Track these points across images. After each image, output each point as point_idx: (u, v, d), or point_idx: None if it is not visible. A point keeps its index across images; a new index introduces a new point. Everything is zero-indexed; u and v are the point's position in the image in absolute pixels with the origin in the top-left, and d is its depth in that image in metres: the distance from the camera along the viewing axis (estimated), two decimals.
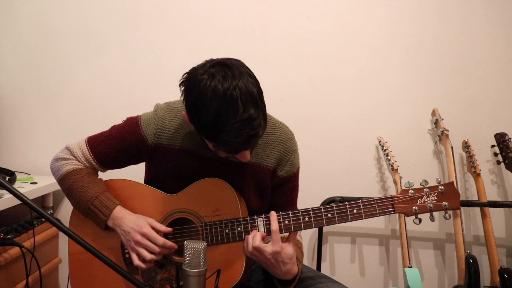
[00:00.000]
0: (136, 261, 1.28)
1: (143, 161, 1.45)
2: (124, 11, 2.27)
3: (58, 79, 2.30)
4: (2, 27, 2.29)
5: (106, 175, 1.45)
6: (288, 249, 1.21)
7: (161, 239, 1.27)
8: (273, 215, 1.24)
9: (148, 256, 1.27)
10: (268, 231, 1.23)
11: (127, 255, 1.35)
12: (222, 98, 1.09)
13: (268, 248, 1.19)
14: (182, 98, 1.20)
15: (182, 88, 1.19)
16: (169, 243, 1.29)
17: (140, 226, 1.28)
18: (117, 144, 1.37)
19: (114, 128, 1.40)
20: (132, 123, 1.37)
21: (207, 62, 1.18)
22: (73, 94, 2.30)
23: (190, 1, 2.25)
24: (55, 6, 2.27)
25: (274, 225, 1.21)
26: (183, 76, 1.20)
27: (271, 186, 1.41)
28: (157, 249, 1.27)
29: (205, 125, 1.13)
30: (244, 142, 1.13)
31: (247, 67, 1.17)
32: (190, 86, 1.16)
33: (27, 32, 2.29)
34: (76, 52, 2.29)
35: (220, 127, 1.10)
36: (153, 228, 1.29)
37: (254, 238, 1.21)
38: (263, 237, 1.24)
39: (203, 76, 1.12)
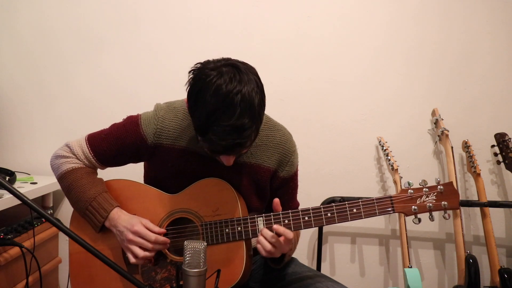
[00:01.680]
0: (132, 259, 1.29)
1: (143, 161, 1.45)
2: (124, 11, 2.27)
3: (58, 79, 2.30)
4: (2, 27, 2.29)
5: (106, 174, 1.46)
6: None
7: (153, 235, 1.28)
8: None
9: (140, 253, 1.28)
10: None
11: (127, 255, 1.36)
12: (222, 99, 1.09)
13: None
14: (186, 86, 1.20)
15: (190, 76, 1.19)
16: (161, 238, 1.29)
17: (132, 224, 1.29)
18: (116, 143, 1.37)
19: (114, 126, 1.41)
20: (132, 122, 1.37)
21: (222, 59, 1.18)
22: (73, 94, 2.30)
23: (190, 1, 2.25)
24: (55, 7, 2.28)
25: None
26: (195, 64, 1.20)
27: (273, 187, 1.42)
28: (149, 245, 1.27)
29: (198, 118, 1.14)
30: (228, 147, 1.13)
31: (257, 76, 1.17)
32: (197, 76, 1.16)
33: (27, 32, 2.29)
34: (76, 52, 2.29)
35: (210, 125, 1.11)
36: (147, 228, 1.29)
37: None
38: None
39: (212, 72, 1.13)
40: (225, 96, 1.09)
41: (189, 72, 1.20)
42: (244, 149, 1.20)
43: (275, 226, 1.24)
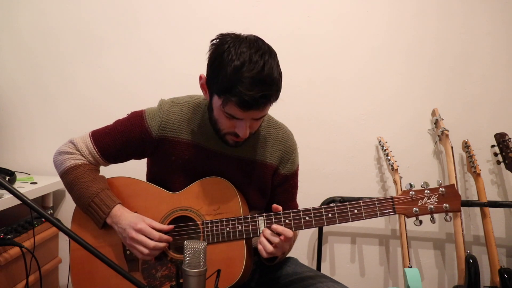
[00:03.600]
0: (139, 255, 1.30)
1: (147, 156, 1.46)
2: (124, 11, 2.27)
3: (58, 79, 2.30)
4: (2, 27, 2.29)
5: (108, 172, 1.46)
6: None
7: (156, 234, 1.28)
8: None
9: (145, 251, 1.28)
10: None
11: (128, 252, 1.36)
12: (248, 58, 1.15)
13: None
14: (207, 55, 1.24)
15: (211, 46, 1.23)
16: (165, 236, 1.30)
17: (135, 222, 1.29)
18: (121, 137, 1.38)
19: (118, 121, 1.42)
20: (137, 116, 1.39)
21: (240, 34, 1.23)
22: (73, 94, 2.30)
23: (190, 1, 2.25)
24: (55, 6, 2.27)
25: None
26: (216, 36, 1.25)
27: (274, 184, 1.44)
28: (151, 244, 1.27)
29: (224, 76, 1.16)
30: (256, 98, 1.15)
31: (275, 52, 1.23)
32: (220, 44, 1.20)
33: (26, 32, 2.29)
34: (76, 52, 2.28)
35: (239, 78, 1.14)
36: (152, 227, 1.30)
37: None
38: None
39: (235, 40, 1.19)
40: (250, 57, 1.15)
41: (211, 41, 1.24)
42: (268, 105, 1.22)
43: (274, 226, 1.25)
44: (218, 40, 1.23)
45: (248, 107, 1.17)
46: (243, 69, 1.13)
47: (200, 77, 1.28)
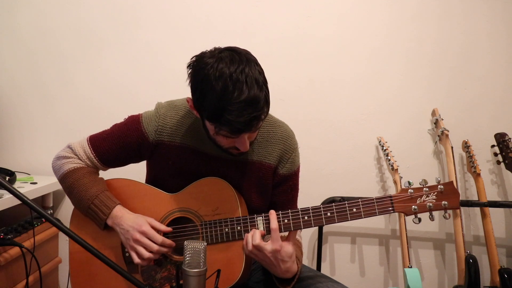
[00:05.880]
0: (136, 259, 1.29)
1: (144, 159, 1.46)
2: (124, 11, 2.27)
3: (58, 79, 2.30)
4: (2, 27, 2.29)
5: (107, 175, 1.46)
6: (288, 247, 1.21)
7: (160, 237, 1.28)
8: (272, 213, 1.25)
9: (146, 254, 1.27)
10: (268, 230, 1.24)
11: (127, 254, 1.36)
12: (229, 79, 1.11)
13: (268, 246, 1.19)
14: (187, 81, 1.21)
15: (189, 71, 1.21)
16: (168, 241, 1.29)
17: (139, 224, 1.28)
18: (118, 142, 1.38)
19: (115, 126, 1.42)
20: (134, 121, 1.39)
21: (215, 48, 1.21)
22: (73, 94, 2.30)
23: (190, 1, 2.25)
24: (55, 6, 2.28)
25: (274, 224, 1.22)
26: (191, 59, 1.22)
27: (272, 184, 1.42)
28: (155, 247, 1.27)
29: (210, 104, 1.14)
30: (247, 122, 1.13)
31: (254, 56, 1.20)
32: (197, 67, 1.18)
33: (27, 32, 2.29)
34: (76, 52, 2.29)
35: (224, 106, 1.11)
36: (153, 227, 1.30)
37: (254, 237, 1.22)
38: (263, 235, 1.24)
39: (211, 59, 1.15)
40: (230, 76, 1.11)
41: (188, 66, 1.21)
42: (260, 122, 1.19)
43: (254, 232, 1.22)
44: (195, 63, 1.20)
45: (241, 132, 1.17)
46: (227, 95, 1.10)
47: (188, 101, 1.27)
